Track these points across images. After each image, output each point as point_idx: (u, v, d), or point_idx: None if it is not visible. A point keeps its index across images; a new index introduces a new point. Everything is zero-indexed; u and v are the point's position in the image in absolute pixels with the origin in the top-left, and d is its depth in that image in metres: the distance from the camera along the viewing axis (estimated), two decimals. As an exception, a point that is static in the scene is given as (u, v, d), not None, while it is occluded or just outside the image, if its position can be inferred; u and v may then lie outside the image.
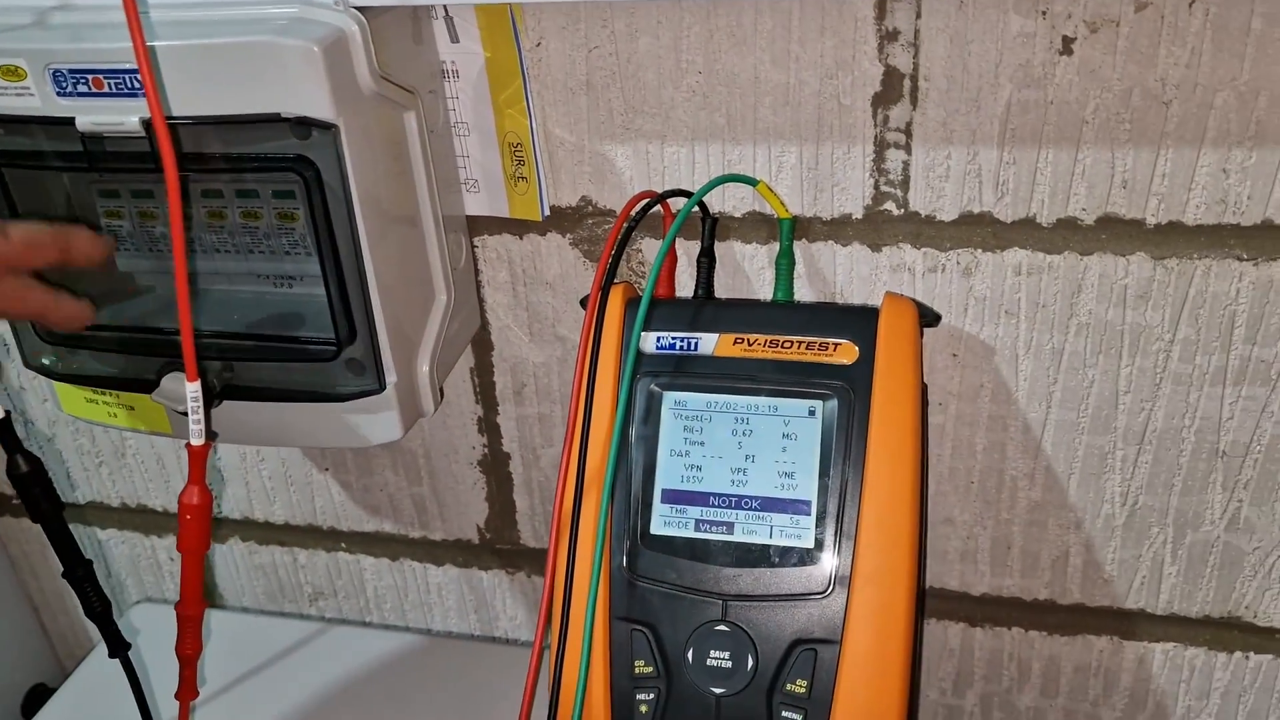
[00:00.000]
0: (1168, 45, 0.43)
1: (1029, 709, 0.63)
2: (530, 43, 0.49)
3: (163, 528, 0.74)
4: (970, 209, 0.49)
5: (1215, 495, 0.53)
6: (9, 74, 0.44)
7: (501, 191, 0.53)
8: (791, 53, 0.47)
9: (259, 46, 0.41)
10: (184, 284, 0.40)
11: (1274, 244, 0.47)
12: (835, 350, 0.47)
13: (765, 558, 0.46)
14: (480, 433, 0.63)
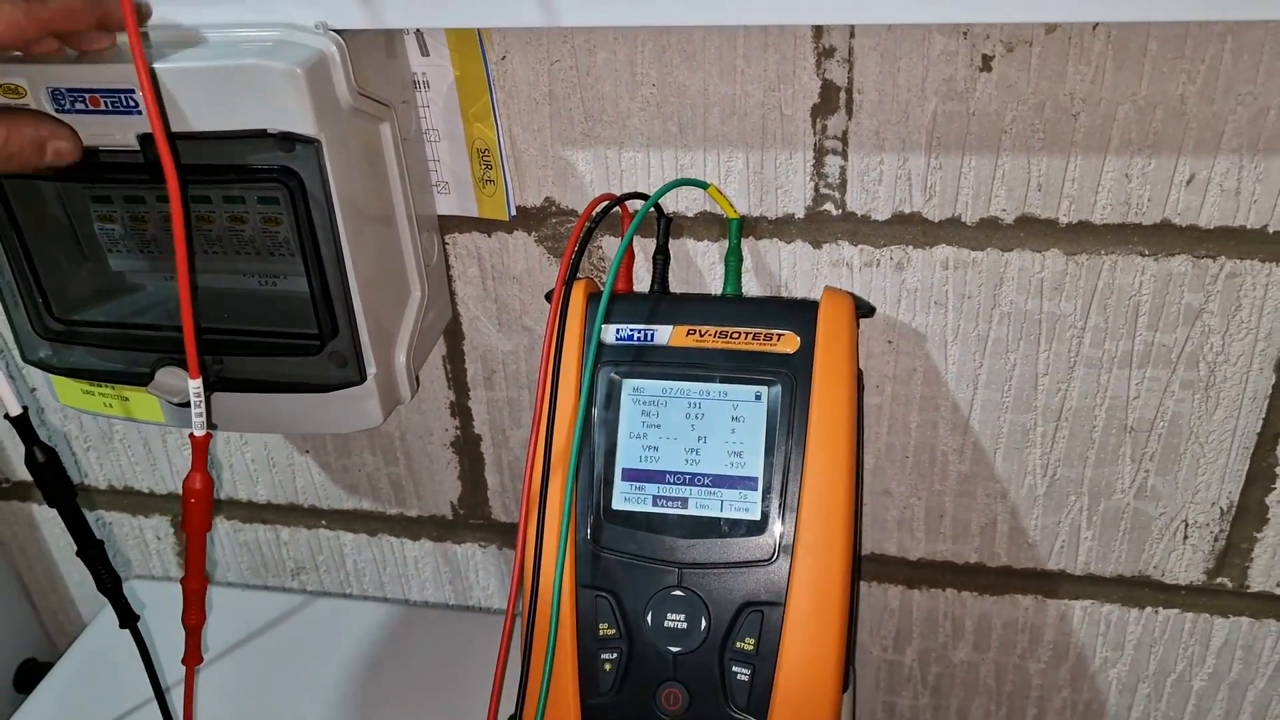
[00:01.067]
0: (1075, 64, 0.48)
1: (963, 663, 0.69)
2: (496, 56, 0.53)
3: (149, 508, 0.78)
4: (902, 209, 0.53)
5: (1125, 466, 0.58)
6: (10, 91, 0.47)
7: (471, 193, 0.57)
8: (737, 67, 0.51)
9: (246, 69, 0.44)
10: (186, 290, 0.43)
11: (1172, 241, 0.51)
12: (779, 340, 0.51)
13: (716, 529, 0.50)
14: (453, 416, 0.67)
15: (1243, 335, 0.53)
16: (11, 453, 0.77)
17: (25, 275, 0.53)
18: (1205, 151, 0.49)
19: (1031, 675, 0.68)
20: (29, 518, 0.81)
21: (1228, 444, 0.56)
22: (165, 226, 0.53)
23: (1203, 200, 0.50)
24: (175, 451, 0.74)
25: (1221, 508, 0.59)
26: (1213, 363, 0.54)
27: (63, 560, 0.83)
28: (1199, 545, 0.60)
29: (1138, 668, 0.66)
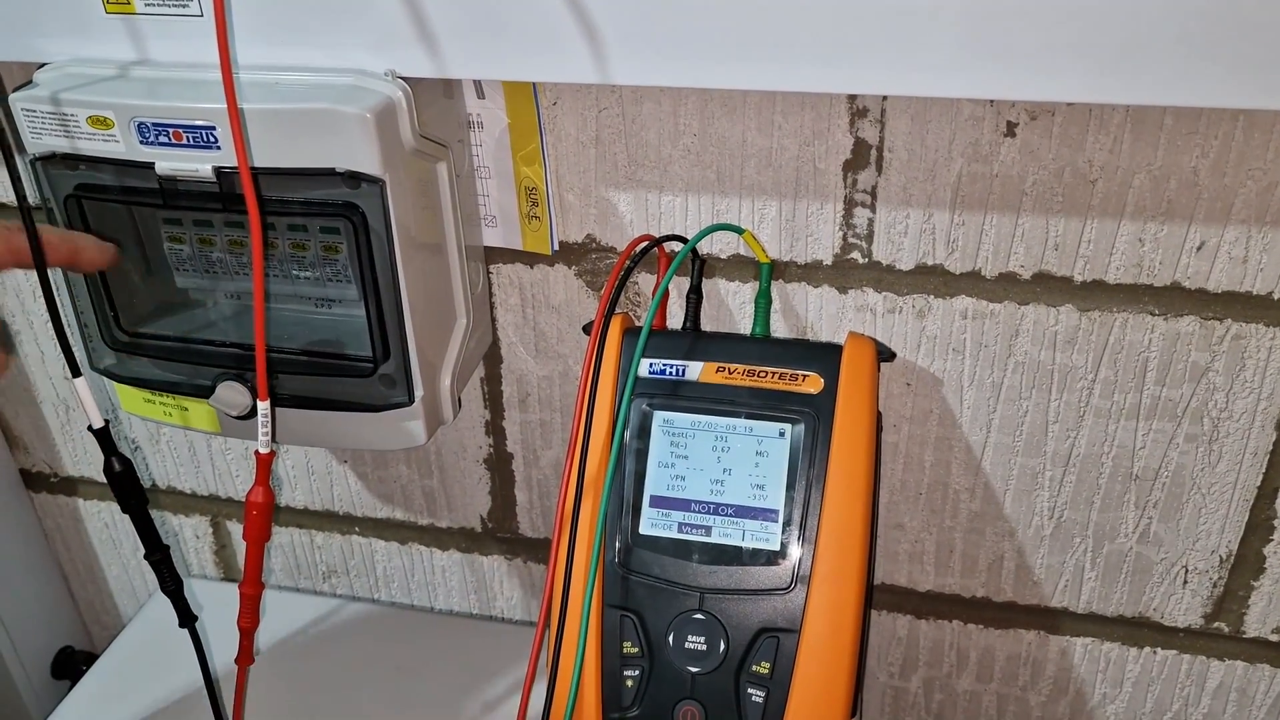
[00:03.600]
0: (1095, 134, 0.51)
1: (966, 692, 0.71)
2: (547, 102, 0.56)
3: (190, 508, 0.81)
4: (925, 261, 0.56)
5: (1129, 512, 0.61)
6: (98, 123, 0.50)
7: (516, 227, 0.60)
8: (775, 122, 0.54)
9: (321, 112, 0.48)
10: (261, 318, 0.47)
11: (1181, 303, 0.54)
12: (804, 381, 0.54)
13: (737, 557, 0.53)
14: (487, 435, 0.70)
15: (1246, 394, 0.56)
16: (62, 449, 0.81)
17: (98, 289, 0.56)
18: (1215, 221, 0.51)
19: (1032, 707, 0.70)
20: (74, 512, 0.84)
21: (1229, 496, 0.59)
22: (230, 249, 0.56)
23: (1212, 266, 0.53)
24: (218, 455, 0.77)
25: (1221, 556, 0.61)
26: (1216, 418, 0.57)
27: (104, 554, 0.86)
28: (1198, 590, 0.63)
29: (1135, 705, 0.68)
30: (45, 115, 0.50)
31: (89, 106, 0.50)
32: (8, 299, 0.73)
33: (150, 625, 0.79)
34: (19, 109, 0.50)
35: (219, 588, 0.81)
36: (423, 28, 0.48)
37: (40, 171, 0.52)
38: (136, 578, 0.87)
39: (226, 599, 0.60)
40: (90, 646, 0.91)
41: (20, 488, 0.84)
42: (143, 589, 0.87)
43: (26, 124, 0.51)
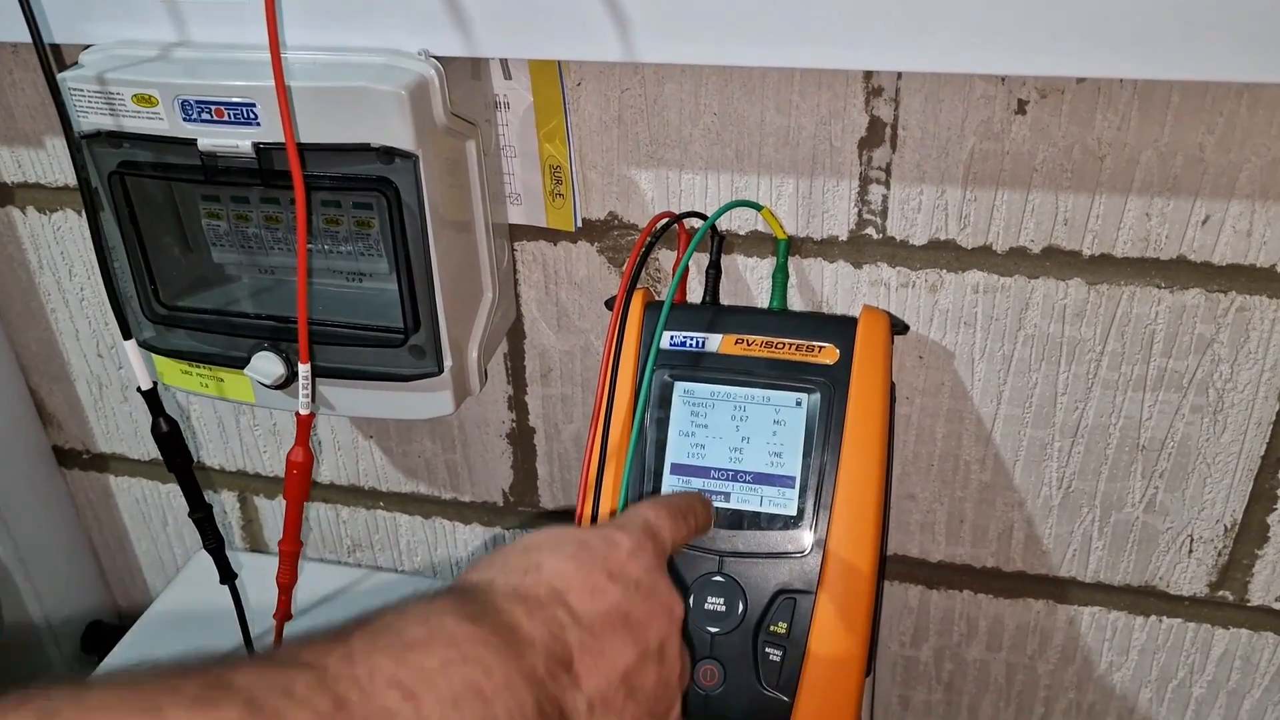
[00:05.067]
0: (1103, 111, 0.52)
1: (976, 661, 0.73)
2: (572, 82, 0.58)
3: (219, 484, 0.83)
4: (937, 236, 0.58)
5: (1136, 482, 0.63)
6: (143, 100, 0.52)
7: (540, 205, 0.62)
8: (793, 102, 0.56)
9: (357, 90, 0.50)
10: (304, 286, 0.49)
11: (1187, 276, 0.56)
12: (820, 352, 0.56)
13: (755, 522, 0.55)
14: (510, 409, 0.72)
15: (1250, 365, 0.57)
16: (94, 426, 0.83)
17: (139, 262, 0.58)
18: (1220, 195, 0.53)
19: (1040, 676, 0.72)
20: (105, 488, 0.87)
21: (1233, 465, 0.61)
22: (266, 225, 0.58)
23: (1217, 239, 0.54)
24: (246, 430, 0.79)
25: (1225, 525, 0.63)
26: (1221, 389, 0.58)
27: (134, 529, 0.89)
28: (1203, 559, 0.64)
29: (1141, 673, 0.70)
30: (92, 94, 0.52)
31: (134, 85, 0.52)
32: (44, 278, 0.76)
33: (179, 598, 0.81)
34: (67, 88, 0.52)
35: (247, 558, 0.83)
36: (455, 8, 0.50)
37: (87, 149, 0.54)
38: (165, 553, 0.89)
39: (254, 571, 0.62)
40: (120, 621, 0.93)
41: (53, 464, 0.86)
42: (171, 564, 0.89)
43: (74, 103, 0.53)
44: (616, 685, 0.37)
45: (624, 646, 0.38)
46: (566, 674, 0.35)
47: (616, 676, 0.37)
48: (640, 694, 0.39)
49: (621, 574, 0.40)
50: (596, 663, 0.37)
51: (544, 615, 0.36)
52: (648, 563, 0.42)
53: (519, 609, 0.36)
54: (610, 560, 0.40)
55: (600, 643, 0.37)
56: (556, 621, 0.36)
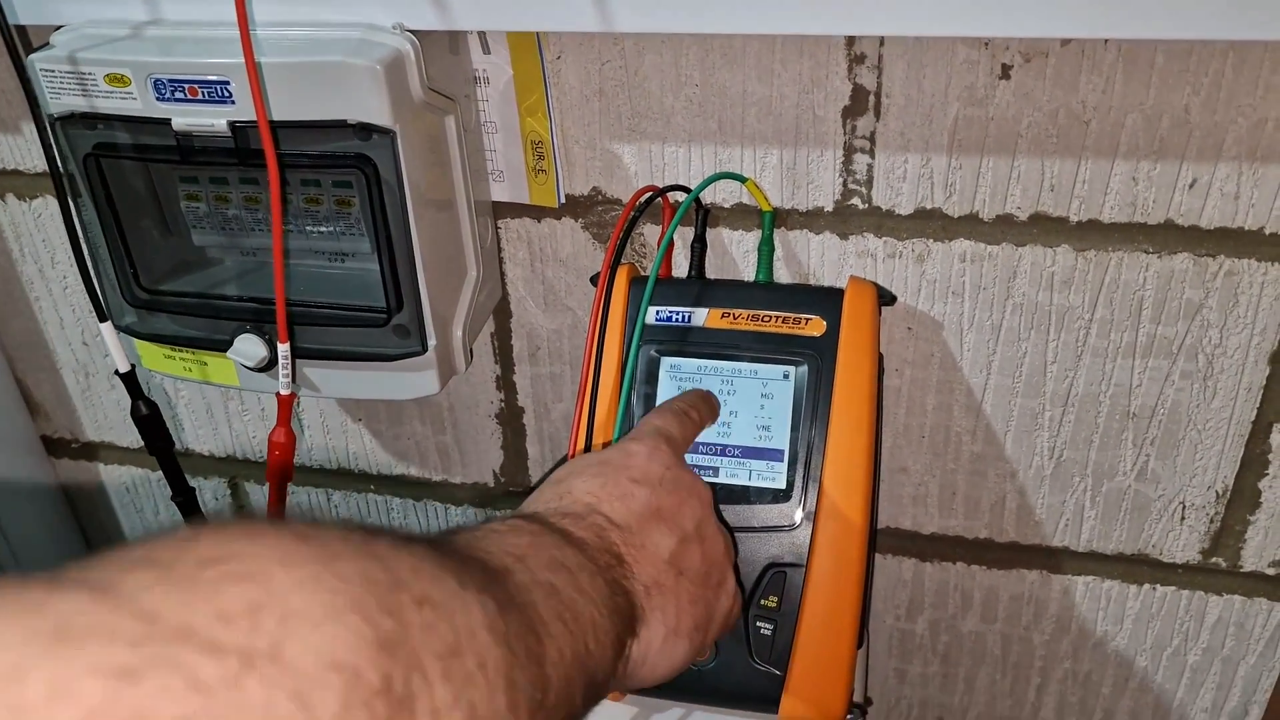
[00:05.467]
0: (1087, 74, 0.52)
1: (971, 633, 0.73)
2: (551, 56, 0.57)
3: (209, 470, 0.83)
4: (923, 205, 0.57)
5: (1127, 450, 0.62)
6: (115, 80, 0.51)
7: (523, 181, 0.62)
8: (774, 71, 0.55)
9: (331, 65, 0.49)
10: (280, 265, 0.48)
11: (1175, 241, 0.55)
12: (807, 324, 0.56)
13: (745, 496, 0.55)
14: (498, 389, 0.71)
15: (1239, 329, 0.57)
16: (82, 415, 0.83)
17: (118, 247, 0.57)
18: (1207, 158, 0.52)
19: (1035, 646, 0.72)
20: (95, 476, 0.86)
21: (1224, 431, 0.60)
22: (246, 205, 0.58)
23: (1204, 203, 0.54)
24: (235, 416, 0.79)
25: (1217, 491, 0.62)
26: (1211, 355, 0.58)
27: (126, 518, 0.88)
28: (1195, 526, 0.64)
29: (1135, 641, 0.70)
30: (63, 75, 0.52)
31: (106, 65, 0.51)
32: (26, 266, 0.75)
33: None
34: (38, 69, 0.52)
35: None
36: (429, -20, 0.50)
37: (60, 131, 0.54)
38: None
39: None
40: (114, 609, 0.93)
41: (42, 454, 0.86)
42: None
43: (45, 84, 0.52)
44: (665, 569, 0.42)
45: (663, 537, 0.43)
46: (620, 565, 0.40)
47: (663, 563, 0.42)
48: (690, 572, 0.44)
49: (645, 477, 0.44)
50: (641, 554, 0.41)
51: (585, 524, 0.41)
52: (666, 460, 0.46)
53: (564, 522, 0.40)
54: (631, 468, 0.45)
55: (640, 537, 0.42)
56: (598, 527, 0.41)
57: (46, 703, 0.19)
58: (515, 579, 0.33)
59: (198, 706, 0.20)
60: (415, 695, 0.24)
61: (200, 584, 0.22)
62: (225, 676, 0.20)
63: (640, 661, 0.40)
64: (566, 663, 0.32)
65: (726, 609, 0.47)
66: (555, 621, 0.33)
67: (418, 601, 0.26)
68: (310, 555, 0.24)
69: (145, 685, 0.19)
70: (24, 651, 0.19)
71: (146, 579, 0.22)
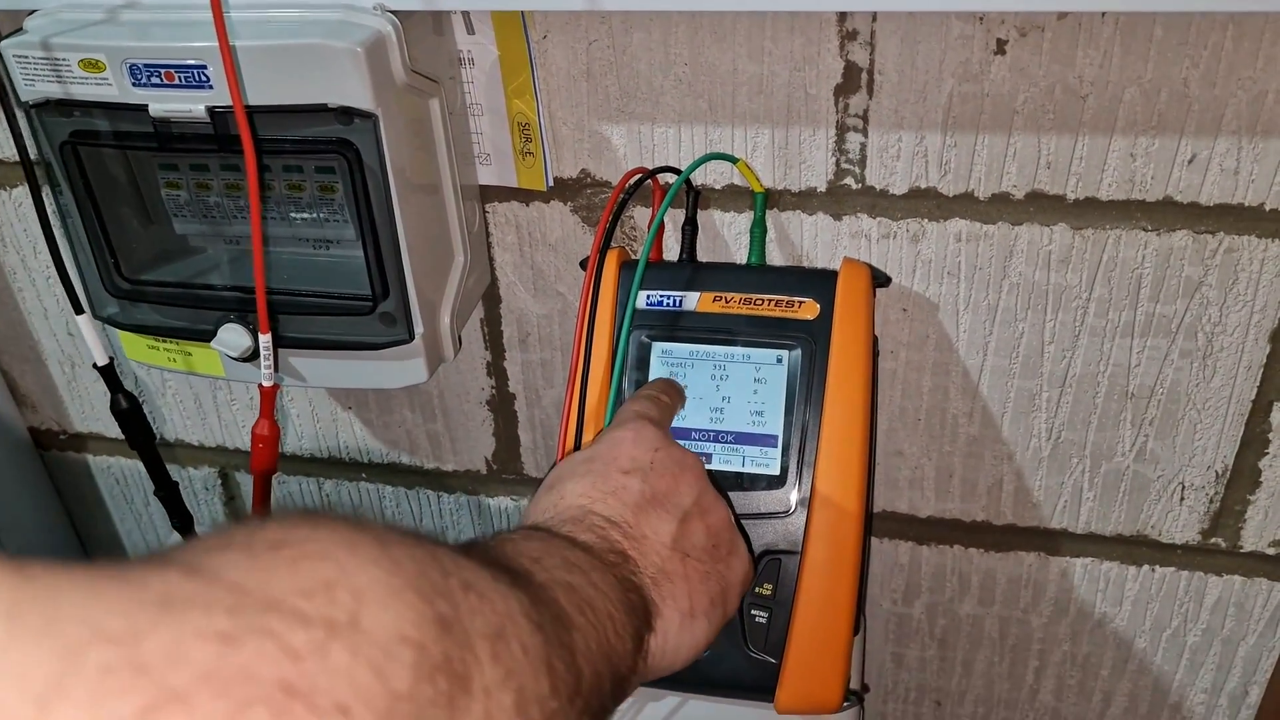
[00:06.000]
0: (1084, 48, 0.51)
1: (968, 616, 0.72)
2: (537, 35, 0.56)
3: (199, 460, 0.82)
4: (918, 184, 0.56)
5: (1125, 431, 0.62)
6: (90, 66, 0.50)
7: (511, 164, 0.61)
8: (765, 48, 0.54)
9: (311, 48, 0.48)
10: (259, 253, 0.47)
11: (1174, 218, 0.54)
12: (800, 307, 0.55)
13: (738, 483, 0.54)
14: (489, 376, 0.71)
15: (1239, 307, 0.56)
16: (69, 406, 0.82)
17: (97, 236, 0.56)
18: (1206, 133, 0.51)
19: (1034, 629, 0.71)
20: (84, 468, 0.85)
21: (1224, 410, 0.59)
22: (228, 193, 0.56)
23: (1203, 179, 0.53)
24: (224, 406, 0.78)
25: (1217, 471, 0.62)
26: (1210, 333, 0.57)
27: (116, 509, 0.87)
28: (1195, 507, 0.63)
29: (1135, 623, 0.69)
30: (37, 61, 0.51)
31: (80, 50, 0.50)
32: (8, 256, 0.74)
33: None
34: (10, 56, 0.51)
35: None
36: (409, -41, 0.48)
37: (35, 119, 0.53)
38: (149, 532, 0.88)
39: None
40: (106, 601, 0.92)
41: (30, 446, 0.85)
42: (155, 542, 0.89)
43: (19, 71, 0.51)
44: (670, 555, 0.42)
45: (661, 522, 0.43)
46: (626, 563, 0.41)
47: (665, 548, 0.43)
48: (695, 549, 0.44)
49: (634, 465, 0.45)
50: (643, 546, 0.42)
51: (584, 526, 0.41)
52: (653, 443, 0.46)
53: (567, 529, 0.41)
54: (620, 459, 0.45)
55: (639, 529, 0.42)
56: (597, 527, 0.41)
57: (164, 664, 0.20)
58: (536, 578, 0.34)
59: (292, 670, 0.21)
60: (470, 673, 0.25)
61: (278, 563, 0.24)
62: (313, 643, 0.22)
63: (660, 652, 0.41)
64: (594, 655, 0.33)
65: (742, 574, 0.47)
66: (579, 616, 0.34)
67: (464, 586, 0.27)
68: (367, 540, 0.26)
69: (246, 649, 0.21)
70: (137, 618, 0.20)
71: (229, 558, 0.23)
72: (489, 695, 0.25)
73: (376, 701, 0.22)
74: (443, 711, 0.24)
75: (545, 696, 0.28)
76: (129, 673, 0.19)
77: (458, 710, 0.24)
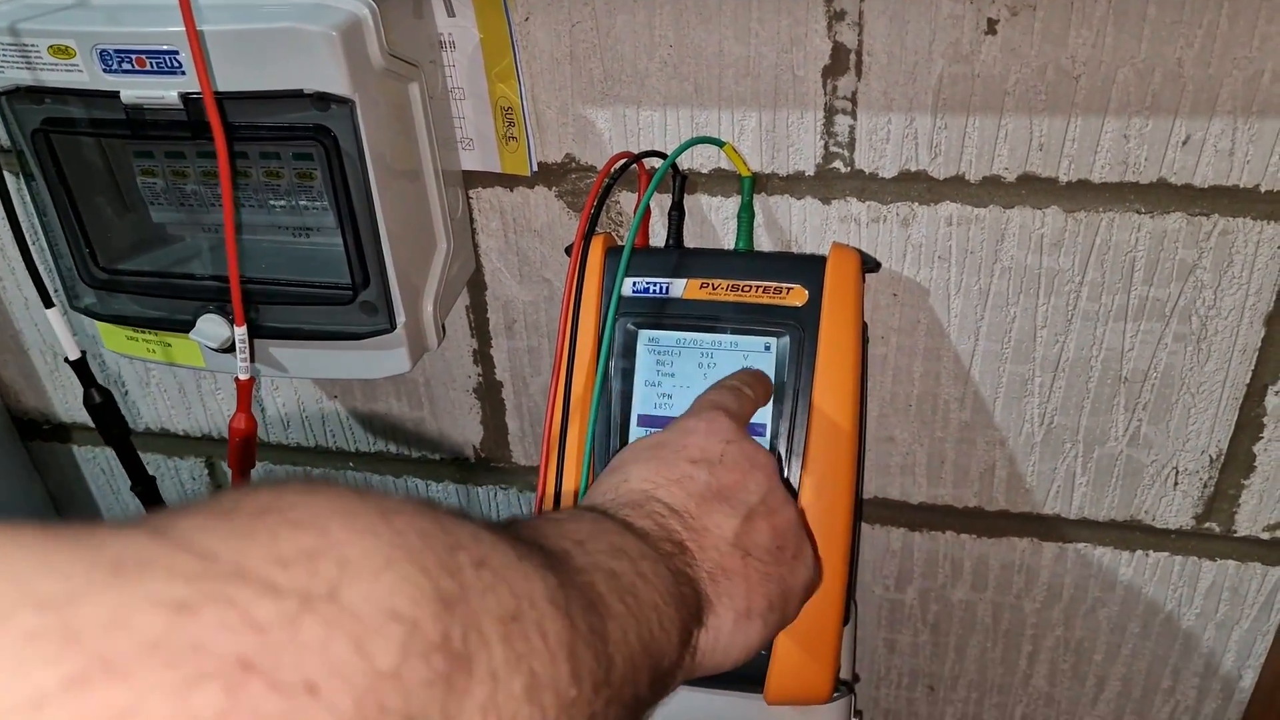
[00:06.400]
0: (1077, 28, 0.50)
1: (961, 602, 0.72)
2: (519, 17, 0.55)
3: (185, 450, 0.81)
4: (908, 167, 0.56)
5: (1118, 415, 0.61)
6: (59, 52, 0.49)
7: (494, 149, 0.59)
8: (751, 29, 0.53)
9: (284, 32, 0.47)
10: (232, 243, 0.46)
11: (1167, 200, 0.53)
12: (788, 294, 0.54)
13: (727, 472, 0.54)
14: (475, 364, 0.70)
15: (1234, 290, 0.55)
16: (52, 396, 0.81)
17: (72, 226, 0.55)
18: (1201, 113, 0.50)
19: (1027, 614, 0.71)
20: (70, 458, 0.85)
21: (1218, 395, 0.59)
22: (205, 181, 0.55)
23: (1198, 160, 0.52)
24: (209, 395, 0.77)
25: (1211, 456, 0.61)
26: (1205, 316, 0.56)
27: (102, 499, 0.87)
28: (1189, 491, 0.63)
29: (1128, 608, 0.69)
30: (6, 47, 0.49)
31: (49, 35, 0.49)
32: (-13, 245, 0.73)
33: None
34: (-23, 41, 0.49)
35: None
36: (385, -60, 0.47)
37: (6, 107, 0.51)
38: (136, 522, 0.87)
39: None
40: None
41: (14, 436, 0.84)
42: (143, 533, 0.88)
43: (-13, 57, 0.50)
44: (730, 552, 0.41)
45: (725, 518, 0.41)
46: (682, 554, 0.39)
47: (728, 545, 0.41)
48: (757, 549, 0.42)
49: (703, 456, 0.43)
50: (703, 539, 0.40)
51: (643, 512, 0.40)
52: (725, 433, 0.44)
53: (624, 513, 0.39)
54: (689, 448, 0.43)
55: (701, 521, 0.41)
56: (657, 514, 0.40)
57: (104, 631, 0.19)
58: (575, 562, 0.32)
59: (253, 643, 0.20)
60: (474, 654, 0.24)
61: (258, 530, 0.22)
62: (282, 615, 0.21)
63: (710, 650, 0.39)
64: (631, 646, 0.32)
65: (805, 580, 0.45)
66: (618, 604, 0.32)
67: (476, 563, 0.26)
68: (367, 509, 0.24)
69: (202, 619, 0.20)
70: (83, 580, 0.19)
71: (204, 522, 0.22)
72: (496, 679, 0.24)
73: (355, 679, 0.21)
74: (438, 692, 0.23)
75: (564, 684, 0.27)
76: (57, 639, 0.18)
77: (456, 692, 0.23)
